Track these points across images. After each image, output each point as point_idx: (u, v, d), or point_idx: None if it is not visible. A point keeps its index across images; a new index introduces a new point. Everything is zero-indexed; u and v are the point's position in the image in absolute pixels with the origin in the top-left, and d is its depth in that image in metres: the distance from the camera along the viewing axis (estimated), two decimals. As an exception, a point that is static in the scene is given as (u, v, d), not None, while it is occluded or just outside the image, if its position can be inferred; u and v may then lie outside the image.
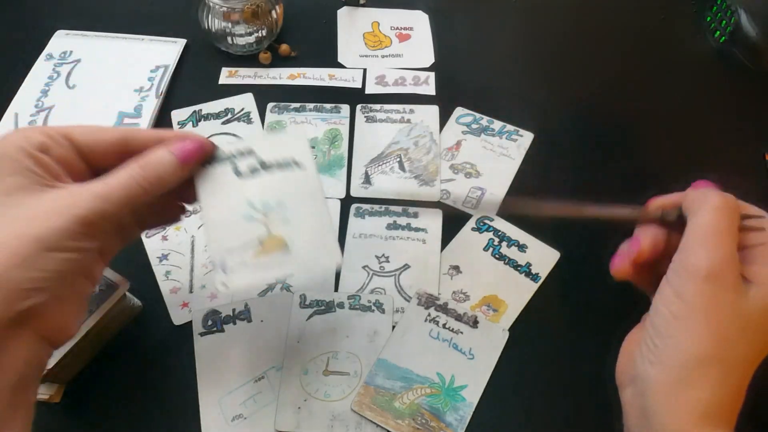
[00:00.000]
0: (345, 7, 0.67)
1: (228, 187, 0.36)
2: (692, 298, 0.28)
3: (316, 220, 0.37)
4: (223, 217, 0.36)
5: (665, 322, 0.29)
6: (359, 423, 0.42)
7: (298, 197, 0.37)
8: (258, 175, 0.37)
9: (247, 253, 0.35)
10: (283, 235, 0.36)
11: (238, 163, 0.37)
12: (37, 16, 0.65)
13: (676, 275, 0.29)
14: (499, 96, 0.61)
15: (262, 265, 0.35)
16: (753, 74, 0.63)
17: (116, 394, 0.43)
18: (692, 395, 0.28)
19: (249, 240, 0.35)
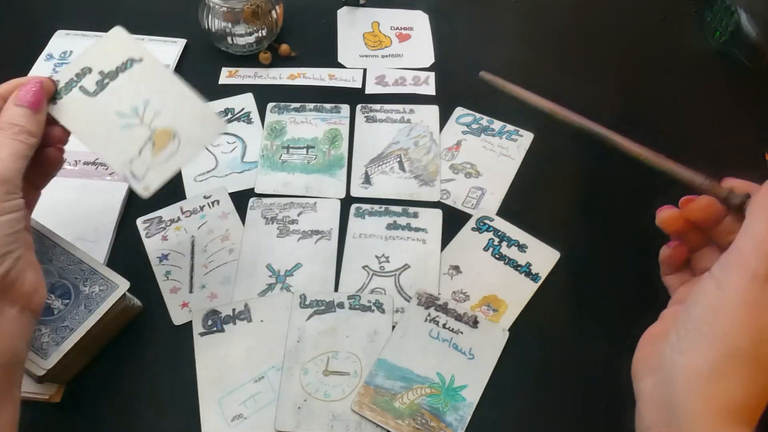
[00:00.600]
0: (345, 7, 0.67)
1: (89, 109, 0.38)
2: (736, 292, 0.28)
3: (183, 100, 0.39)
4: (104, 137, 0.38)
5: (703, 312, 0.29)
6: (359, 423, 0.42)
7: (155, 88, 0.39)
8: (107, 86, 0.39)
9: (145, 156, 0.38)
10: (165, 126, 0.39)
11: (83, 84, 0.38)
12: (37, 16, 0.65)
13: (722, 270, 0.29)
14: (499, 96, 0.60)
15: (164, 158, 0.38)
16: (753, 74, 0.63)
17: (116, 394, 0.43)
18: (720, 387, 0.27)
19: (140, 145, 0.38)
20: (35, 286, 0.34)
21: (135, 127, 0.38)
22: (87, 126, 0.38)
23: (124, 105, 0.39)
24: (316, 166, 0.55)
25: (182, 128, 0.39)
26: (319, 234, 0.51)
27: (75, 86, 0.38)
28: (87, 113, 0.38)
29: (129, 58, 0.39)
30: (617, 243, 0.51)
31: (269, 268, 0.49)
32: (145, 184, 0.38)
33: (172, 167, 0.38)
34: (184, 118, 0.39)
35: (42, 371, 0.38)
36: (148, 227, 0.50)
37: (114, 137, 0.38)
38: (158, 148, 0.38)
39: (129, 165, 0.38)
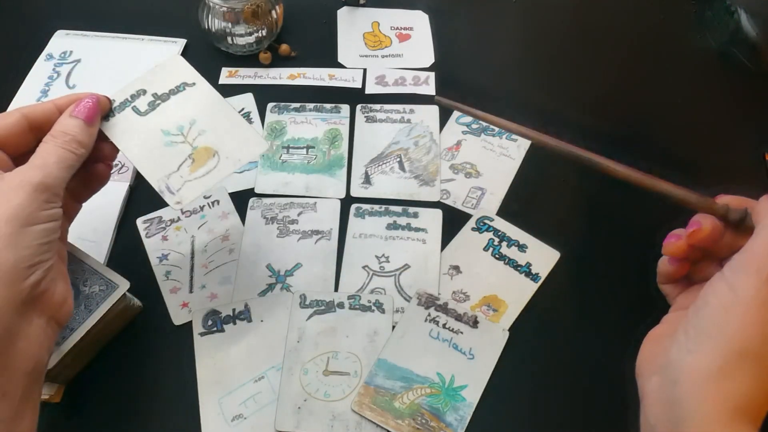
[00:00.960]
0: (345, 7, 0.67)
1: (137, 127, 0.40)
2: (748, 293, 0.28)
3: (228, 120, 0.41)
4: (146, 153, 0.39)
5: (713, 313, 0.29)
6: (359, 423, 0.42)
7: (203, 109, 0.41)
8: (158, 107, 0.41)
9: (183, 171, 0.39)
10: (207, 144, 0.40)
11: (136, 104, 0.40)
12: (37, 16, 0.65)
13: (734, 272, 0.29)
14: (499, 96, 0.61)
15: (201, 174, 0.39)
16: (753, 74, 0.63)
17: (116, 394, 0.43)
18: (728, 386, 0.28)
19: (180, 161, 0.39)
20: (64, 297, 0.34)
21: (177, 144, 0.40)
22: (132, 141, 0.39)
23: (170, 124, 0.40)
24: (316, 166, 0.55)
25: (223, 147, 0.40)
26: (319, 234, 0.51)
27: (128, 106, 0.40)
28: (135, 130, 0.40)
29: (182, 83, 0.42)
30: (617, 243, 0.51)
31: (269, 268, 0.49)
32: (178, 198, 0.39)
33: (207, 182, 0.39)
34: (226, 137, 0.41)
35: (42, 371, 0.38)
36: (148, 227, 0.50)
37: (156, 153, 0.39)
38: (197, 165, 0.40)
39: (166, 179, 0.39)
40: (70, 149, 0.35)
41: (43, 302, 0.32)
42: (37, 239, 0.31)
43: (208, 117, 0.41)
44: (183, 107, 0.41)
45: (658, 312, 0.35)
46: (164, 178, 0.39)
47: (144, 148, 0.39)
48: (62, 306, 0.34)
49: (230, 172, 0.40)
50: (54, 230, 0.32)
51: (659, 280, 0.37)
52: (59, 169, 0.33)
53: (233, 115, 0.42)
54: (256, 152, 0.42)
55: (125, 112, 0.40)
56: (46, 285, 0.32)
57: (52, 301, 0.33)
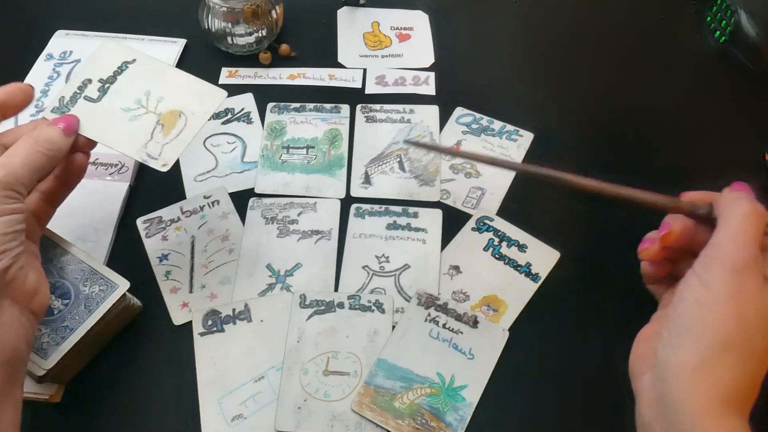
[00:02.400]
0: (345, 7, 0.67)
1: (97, 113, 0.41)
2: (719, 286, 0.29)
3: (181, 81, 0.43)
4: (116, 133, 0.41)
5: (689, 308, 0.30)
6: (359, 423, 0.42)
7: (152, 78, 0.43)
8: (108, 90, 0.42)
9: (157, 137, 0.41)
10: (170, 108, 0.42)
11: (87, 93, 0.42)
12: (37, 16, 0.65)
13: (703, 267, 0.30)
14: (499, 96, 0.61)
15: (175, 135, 0.42)
16: (753, 74, 0.63)
17: (116, 394, 0.43)
18: (713, 378, 0.28)
19: (150, 129, 0.42)
20: (37, 286, 0.35)
21: (142, 116, 0.42)
22: (98, 127, 0.41)
23: (128, 101, 0.42)
24: (316, 166, 0.55)
25: (186, 106, 0.42)
26: (319, 234, 0.51)
27: (80, 97, 0.42)
28: (96, 116, 0.41)
29: (123, 62, 0.44)
30: (617, 243, 0.51)
31: (269, 268, 0.49)
32: (162, 161, 0.41)
33: (184, 140, 0.42)
34: (185, 97, 0.43)
35: (42, 371, 0.38)
36: (148, 227, 0.50)
37: (125, 130, 0.41)
38: (168, 128, 0.42)
39: (144, 149, 0.41)
40: (41, 150, 0.36)
41: (13, 290, 0.33)
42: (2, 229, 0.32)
43: (160, 84, 0.43)
44: (133, 83, 0.43)
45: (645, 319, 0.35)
46: (142, 149, 0.41)
47: (111, 129, 0.41)
48: (35, 295, 0.35)
49: (201, 125, 0.42)
50: (17, 221, 0.33)
51: (644, 281, 0.38)
52: (23, 169, 0.34)
53: (183, 75, 0.44)
54: (217, 101, 0.44)
55: (79, 104, 0.42)
56: (15, 273, 0.33)
57: (23, 290, 0.34)
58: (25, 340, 0.34)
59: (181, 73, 0.44)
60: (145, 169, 0.53)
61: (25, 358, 0.35)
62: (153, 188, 0.53)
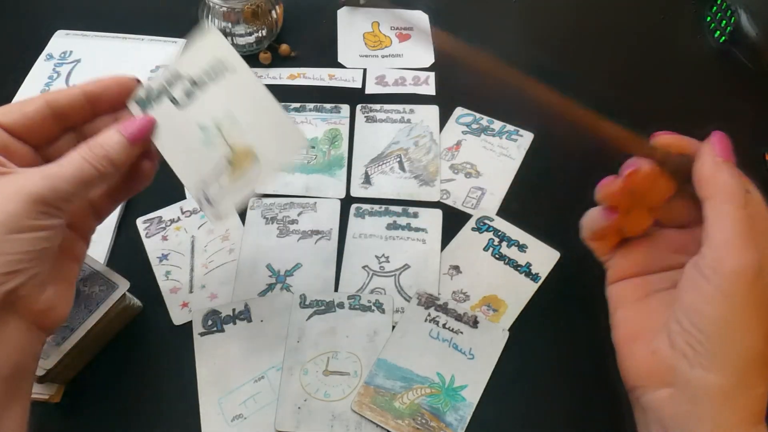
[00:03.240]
0: (345, 7, 0.67)
1: (174, 122, 0.35)
2: (744, 299, 0.28)
3: (268, 115, 0.35)
4: (184, 154, 0.35)
5: (715, 324, 0.28)
6: (359, 423, 0.42)
7: (242, 100, 0.35)
8: (195, 96, 0.35)
9: (222, 179, 0.35)
10: (247, 145, 0.35)
11: (173, 93, 0.35)
12: (37, 16, 0.65)
13: (717, 274, 0.28)
14: (499, 96, 0.61)
15: (240, 184, 0.35)
16: (753, 74, 0.63)
17: (116, 394, 0.43)
18: (748, 397, 0.28)
19: (217, 163, 0.35)
20: (52, 304, 0.32)
21: (215, 143, 0.35)
22: (168, 140, 0.35)
23: (208, 117, 0.35)
24: (316, 166, 0.55)
25: (264, 149, 0.35)
26: (319, 234, 0.51)
27: (165, 95, 0.35)
28: (171, 127, 0.35)
29: (222, 67, 0.36)
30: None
31: (269, 268, 0.49)
32: (217, 212, 0.35)
33: (247, 193, 0.35)
34: (266, 137, 0.35)
35: (42, 371, 0.38)
36: (148, 227, 0.50)
37: (192, 154, 0.35)
38: (237, 171, 0.35)
39: (202, 186, 0.35)
40: (95, 165, 0.32)
41: (21, 307, 0.30)
42: (23, 247, 0.29)
43: (248, 112, 0.35)
44: (221, 98, 0.35)
45: None
46: (202, 186, 0.35)
47: (182, 147, 0.35)
48: (48, 313, 0.32)
49: (271, 179, 0.35)
50: (45, 239, 0.30)
51: (586, 235, 0.35)
52: (70, 185, 0.31)
53: (277, 109, 0.35)
54: (297, 152, 0.37)
55: (164, 103, 0.35)
56: (28, 292, 0.30)
57: (35, 309, 0.31)
58: (31, 356, 0.32)
59: (276, 105, 0.35)
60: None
61: (32, 371, 0.33)
62: (153, 188, 0.52)
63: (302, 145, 0.36)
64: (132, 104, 0.35)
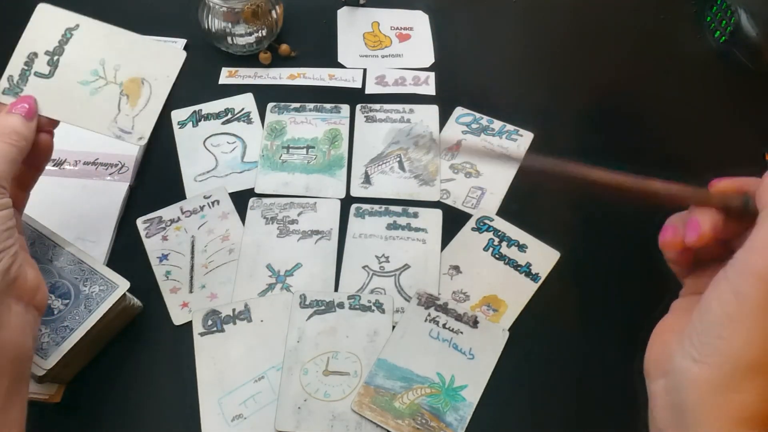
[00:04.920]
0: (345, 7, 0.67)
1: (53, 89, 0.38)
2: (754, 301, 0.27)
3: (135, 45, 0.40)
4: (78, 109, 0.38)
5: (718, 322, 0.28)
6: (359, 423, 0.42)
7: (103, 45, 0.40)
8: (59, 62, 0.39)
9: (125, 109, 0.39)
10: (130, 76, 0.40)
11: (36, 69, 0.39)
12: (37, 16, 0.65)
13: (738, 274, 0.27)
14: (499, 96, 0.61)
15: (142, 105, 0.39)
16: (753, 74, 0.63)
17: (116, 394, 0.43)
18: (735, 399, 0.27)
19: (115, 102, 0.39)
20: (37, 282, 0.35)
21: (103, 88, 0.39)
22: (58, 105, 0.38)
23: (83, 73, 0.39)
24: (316, 166, 0.55)
25: (147, 71, 0.40)
26: (319, 234, 0.51)
27: (29, 74, 0.39)
28: (53, 94, 0.38)
29: (65, 29, 0.40)
30: (617, 242, 0.51)
31: (269, 268, 0.49)
32: (138, 135, 0.39)
33: (154, 110, 0.39)
34: (143, 62, 0.40)
35: (42, 371, 0.38)
36: (148, 227, 0.50)
37: (88, 105, 0.38)
38: (134, 98, 0.39)
39: (115, 124, 0.39)
40: (11, 142, 0.35)
41: (17, 288, 0.33)
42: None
43: (114, 51, 0.40)
44: (84, 52, 0.40)
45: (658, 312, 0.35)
46: (113, 124, 0.39)
47: (73, 105, 0.38)
48: (37, 291, 0.35)
49: (167, 91, 0.40)
50: (7, 217, 0.33)
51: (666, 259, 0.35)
52: (3, 163, 0.34)
53: (135, 37, 0.41)
54: (178, 63, 0.41)
55: (31, 81, 0.39)
56: (17, 271, 0.33)
57: (26, 287, 0.34)
58: (30, 337, 0.34)
59: (132, 35, 0.41)
60: (145, 169, 0.53)
61: (31, 355, 0.35)
62: (153, 188, 0.53)
63: (180, 56, 0.41)
64: (1, 97, 0.38)
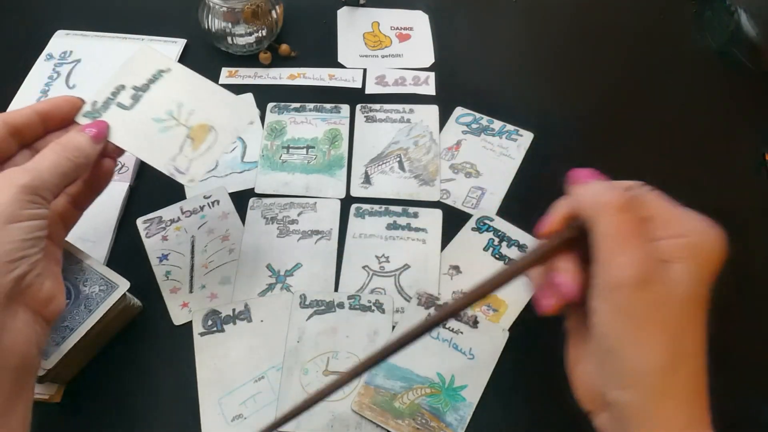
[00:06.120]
0: (345, 7, 0.67)
1: (128, 121, 0.41)
2: (634, 310, 0.27)
3: (213, 95, 0.43)
4: (146, 143, 0.41)
5: (618, 342, 0.28)
6: (359, 423, 0.42)
7: (186, 90, 0.43)
8: (141, 98, 0.42)
9: (186, 151, 0.41)
10: (201, 122, 0.42)
11: (119, 100, 0.41)
12: (37, 16, 0.65)
13: (606, 291, 0.28)
14: (499, 96, 0.61)
15: (203, 150, 0.41)
16: (753, 74, 0.63)
17: (116, 394, 0.43)
18: (672, 406, 0.27)
19: (179, 143, 0.41)
20: (52, 294, 0.34)
21: (172, 128, 0.41)
22: (128, 136, 0.41)
23: (159, 111, 0.42)
24: (316, 166, 0.55)
25: (217, 121, 0.42)
26: (319, 234, 0.51)
27: (112, 103, 0.41)
28: (127, 125, 0.41)
29: (158, 70, 0.43)
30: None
31: (269, 268, 0.49)
32: (190, 176, 0.40)
33: (212, 156, 0.41)
34: (216, 112, 0.42)
35: (42, 371, 0.38)
36: (148, 227, 0.50)
37: (155, 141, 0.41)
38: (197, 142, 0.41)
39: (172, 162, 0.40)
40: (68, 156, 0.36)
41: (28, 297, 0.33)
42: (20, 235, 0.32)
43: (193, 96, 0.42)
44: (166, 93, 0.42)
45: None
46: (170, 162, 0.40)
47: (141, 138, 0.41)
48: (49, 303, 0.34)
49: (230, 143, 0.41)
50: (38, 228, 0.33)
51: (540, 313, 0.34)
52: (50, 174, 0.34)
53: (216, 89, 0.43)
54: (248, 119, 0.43)
55: (111, 110, 0.41)
56: (31, 280, 0.32)
57: (38, 297, 0.33)
58: (36, 346, 0.34)
59: (214, 86, 0.43)
60: (145, 169, 0.53)
61: (36, 363, 0.34)
62: (153, 188, 0.53)
63: (253, 113, 0.44)
64: (80, 118, 0.40)
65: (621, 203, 0.28)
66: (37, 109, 0.38)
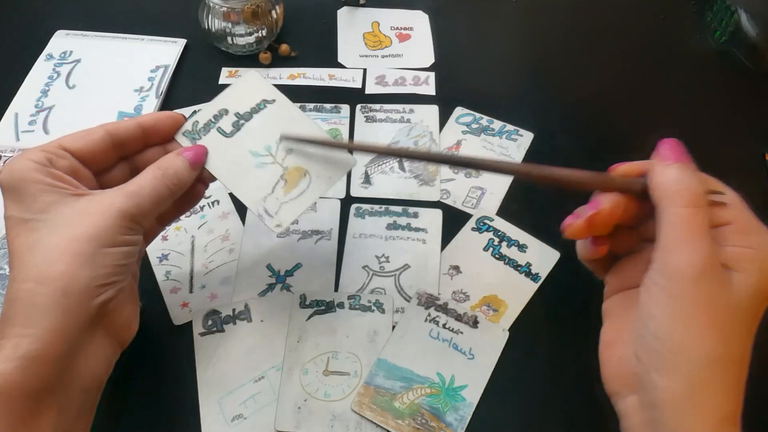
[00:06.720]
0: (345, 7, 0.67)
1: (226, 149, 0.39)
2: (689, 299, 0.27)
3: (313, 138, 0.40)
4: (240, 177, 0.39)
5: (664, 327, 0.28)
6: (359, 423, 0.42)
7: (286, 125, 0.40)
8: (242, 127, 0.40)
9: (278, 193, 0.39)
10: (297, 164, 0.40)
11: (221, 125, 0.40)
12: (37, 16, 0.65)
13: (663, 276, 0.28)
14: (499, 96, 0.61)
15: (295, 195, 0.39)
16: (753, 74, 0.63)
17: (116, 394, 0.43)
18: (708, 399, 0.27)
19: (273, 182, 0.39)
20: (130, 320, 0.35)
21: (268, 165, 0.40)
22: (224, 166, 0.39)
23: (258, 145, 0.40)
24: (316, 166, 0.55)
25: (313, 166, 0.40)
26: (319, 234, 0.51)
27: (213, 127, 0.40)
28: (224, 153, 0.39)
29: (263, 100, 0.41)
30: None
31: (269, 268, 0.49)
32: (277, 221, 0.39)
33: (303, 204, 0.39)
34: (314, 156, 0.40)
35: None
36: (148, 227, 0.50)
37: (249, 176, 0.39)
38: (290, 186, 0.39)
39: (263, 203, 0.39)
40: (167, 184, 0.35)
41: (108, 322, 0.33)
42: (114, 261, 0.32)
43: None
44: (267, 126, 0.40)
45: None
46: (261, 201, 0.39)
47: (236, 171, 0.39)
48: (127, 328, 0.35)
49: (323, 192, 0.40)
50: (131, 254, 0.33)
51: (580, 256, 0.36)
52: (150, 202, 0.34)
53: (317, 129, 0.41)
54: (345, 169, 0.41)
55: (211, 134, 0.39)
56: (115, 305, 0.32)
57: (118, 322, 0.33)
58: (107, 370, 0.34)
59: (315, 125, 0.41)
60: (145, 169, 0.53)
61: (101, 387, 0.34)
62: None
63: (350, 164, 0.41)
64: (180, 136, 0.39)
65: (698, 195, 0.28)
66: (141, 123, 0.37)
